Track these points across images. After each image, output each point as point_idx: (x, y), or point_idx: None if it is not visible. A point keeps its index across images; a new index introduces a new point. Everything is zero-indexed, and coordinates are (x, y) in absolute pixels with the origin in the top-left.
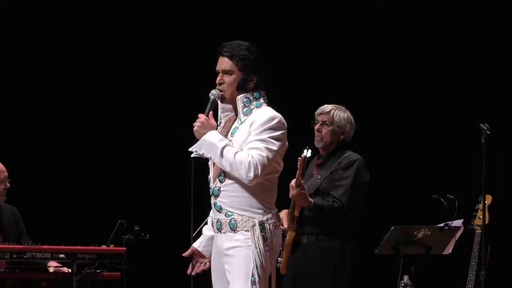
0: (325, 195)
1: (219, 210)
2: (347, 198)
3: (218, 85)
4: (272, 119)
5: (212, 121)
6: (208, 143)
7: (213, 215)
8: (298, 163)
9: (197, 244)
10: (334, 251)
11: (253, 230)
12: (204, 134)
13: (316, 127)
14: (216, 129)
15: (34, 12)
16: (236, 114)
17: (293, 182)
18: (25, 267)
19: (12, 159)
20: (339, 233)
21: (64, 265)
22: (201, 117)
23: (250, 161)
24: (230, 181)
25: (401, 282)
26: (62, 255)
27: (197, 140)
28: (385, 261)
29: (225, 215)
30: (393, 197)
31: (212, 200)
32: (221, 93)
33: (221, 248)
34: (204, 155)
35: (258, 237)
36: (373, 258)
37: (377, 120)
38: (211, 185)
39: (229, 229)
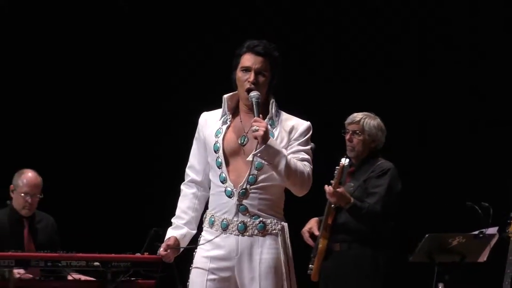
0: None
1: (244, 212)
2: (381, 206)
3: (251, 84)
4: (310, 128)
5: (238, 127)
6: (274, 150)
7: (227, 216)
8: (336, 172)
9: (179, 236)
10: (367, 259)
11: (282, 233)
12: (268, 139)
13: (347, 137)
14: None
15: (34, 12)
16: (252, 114)
17: (329, 188)
18: (59, 275)
19: (45, 167)
20: (372, 241)
21: (99, 273)
22: (262, 121)
23: (308, 173)
24: (262, 184)
25: None
26: (97, 263)
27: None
28: (419, 269)
29: (251, 217)
30: (427, 204)
31: (231, 201)
32: (258, 92)
33: (242, 252)
34: (266, 161)
35: (286, 242)
36: (407, 266)
37: (412, 127)
38: (229, 185)
39: (257, 231)
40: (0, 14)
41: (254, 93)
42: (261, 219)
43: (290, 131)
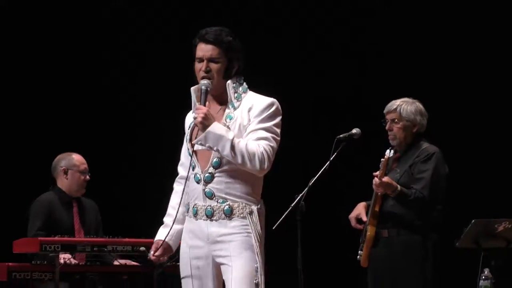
0: (406, 188)
1: (210, 196)
2: (428, 191)
3: (204, 73)
4: (272, 104)
5: (212, 112)
6: (215, 135)
7: (197, 202)
8: (381, 164)
9: (168, 237)
10: (416, 245)
11: (250, 217)
12: (208, 125)
13: (387, 126)
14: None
15: (35, 12)
16: (220, 102)
17: (376, 180)
18: (105, 260)
19: (89, 152)
20: (420, 226)
21: (144, 258)
22: (202, 108)
23: (262, 152)
24: (226, 167)
25: (482, 275)
26: (142, 248)
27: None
28: (466, 254)
29: (218, 202)
30: (474, 190)
31: (199, 187)
32: (209, 81)
33: (211, 235)
34: (211, 148)
35: (256, 224)
36: (454, 251)
37: (459, 110)
38: (198, 171)
39: (224, 215)
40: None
41: (203, 81)
42: (228, 203)
43: (249, 109)
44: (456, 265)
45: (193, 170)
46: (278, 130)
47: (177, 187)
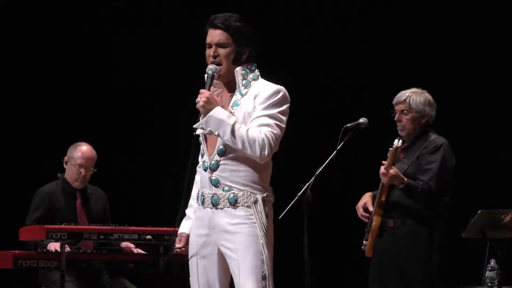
0: (412, 179)
1: (216, 184)
2: (435, 182)
3: (212, 58)
4: (278, 92)
5: (216, 96)
6: (217, 119)
7: (204, 190)
8: (389, 153)
9: (187, 230)
10: (422, 235)
11: (255, 206)
12: (210, 110)
13: (396, 117)
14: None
15: (40, 7)
16: (230, 89)
17: (382, 168)
18: (111, 248)
19: (99, 142)
20: (426, 217)
21: (151, 246)
22: (205, 92)
23: (263, 139)
24: (231, 155)
25: (488, 266)
26: (149, 237)
27: (202, 116)
28: (472, 245)
29: (223, 190)
30: (480, 180)
31: (206, 175)
32: (217, 66)
33: (216, 224)
34: (212, 132)
35: (261, 213)
36: (460, 242)
37: (465, 102)
38: (205, 158)
39: (228, 204)
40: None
41: (210, 66)
42: (233, 191)
43: (255, 96)
44: (462, 255)
45: (202, 157)
46: (284, 118)
47: (196, 177)
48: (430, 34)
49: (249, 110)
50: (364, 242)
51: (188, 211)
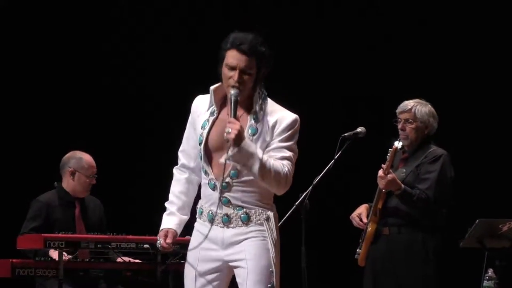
0: (410, 188)
1: (227, 204)
2: (433, 192)
3: (236, 82)
4: (295, 122)
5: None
6: (248, 152)
7: (212, 208)
8: (389, 154)
9: (174, 226)
10: (417, 243)
11: (267, 223)
12: (242, 141)
13: (400, 126)
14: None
15: (39, 10)
16: (241, 105)
17: (381, 172)
18: (109, 257)
19: (96, 150)
20: (422, 226)
21: (148, 255)
22: (235, 123)
23: (286, 174)
24: (244, 178)
25: (486, 275)
26: (146, 245)
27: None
28: (470, 254)
29: (235, 209)
30: (479, 190)
31: (215, 194)
32: (239, 90)
33: (226, 241)
34: (238, 163)
35: (272, 230)
36: (458, 251)
37: (462, 113)
38: (211, 177)
39: (241, 223)
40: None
41: (233, 91)
42: (244, 210)
43: (273, 125)
44: (460, 265)
45: (205, 175)
46: (296, 149)
47: (179, 175)
48: (429, 46)
49: (267, 139)
50: (357, 250)
51: (169, 206)
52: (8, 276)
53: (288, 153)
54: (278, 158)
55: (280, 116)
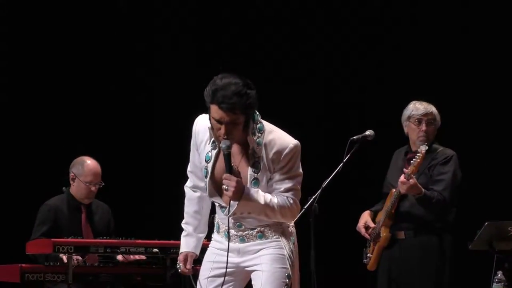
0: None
1: (241, 227)
2: (449, 193)
3: (225, 136)
4: (293, 150)
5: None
6: (249, 204)
7: (227, 228)
8: (415, 159)
9: (194, 249)
10: (434, 246)
11: (283, 237)
12: (241, 195)
13: (423, 128)
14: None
15: (35, 11)
16: (240, 143)
17: (402, 177)
18: (118, 261)
19: (105, 154)
20: (436, 228)
21: (157, 259)
22: (231, 179)
23: (291, 206)
24: None
25: (495, 277)
26: (155, 250)
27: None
28: (479, 256)
29: (249, 230)
30: (488, 192)
31: (228, 218)
32: (230, 141)
33: (242, 251)
34: (241, 214)
35: (288, 242)
36: (467, 253)
37: (473, 113)
38: (221, 202)
39: (257, 240)
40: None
41: (224, 145)
42: (259, 228)
43: (273, 160)
44: (469, 267)
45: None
46: (300, 170)
47: (192, 193)
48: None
49: (269, 174)
50: (368, 255)
51: (186, 227)
52: (17, 281)
53: (291, 184)
54: (281, 191)
55: (278, 147)
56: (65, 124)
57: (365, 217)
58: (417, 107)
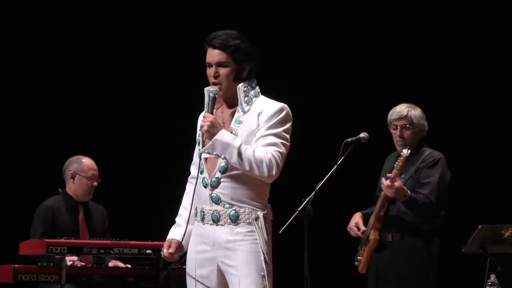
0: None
1: (217, 201)
2: (435, 196)
3: (213, 78)
4: (282, 110)
5: (219, 119)
6: (223, 143)
7: (204, 206)
8: (397, 163)
9: (179, 237)
10: (421, 249)
11: (256, 223)
12: (215, 134)
13: (398, 133)
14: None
15: (43, 11)
16: (230, 104)
17: (387, 181)
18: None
19: (99, 155)
20: (424, 231)
21: (151, 260)
22: (209, 116)
23: (270, 159)
24: (233, 173)
25: (488, 281)
26: (149, 251)
27: (207, 141)
28: (472, 260)
29: (224, 207)
30: (481, 195)
31: (206, 191)
32: (218, 86)
33: (216, 241)
34: (218, 156)
35: (262, 229)
36: (460, 256)
37: (465, 115)
38: (205, 175)
39: (229, 220)
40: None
41: (211, 89)
42: (234, 208)
43: (259, 114)
44: (462, 270)
45: (201, 174)
46: (288, 136)
47: (189, 187)
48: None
49: (252, 128)
50: (358, 258)
51: (178, 219)
52: (10, 281)
53: (274, 140)
54: (263, 145)
55: (265, 105)
56: (59, 125)
57: (356, 218)
58: (392, 112)
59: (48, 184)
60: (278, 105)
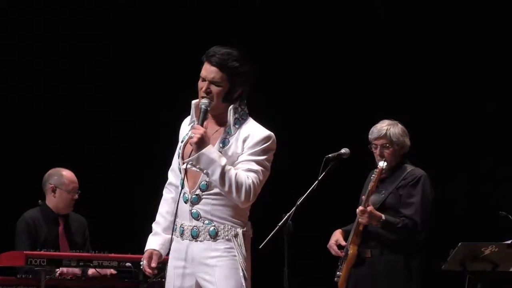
0: (392, 210)
1: (197, 217)
2: (419, 216)
3: (204, 93)
4: (268, 138)
5: (208, 133)
6: (208, 158)
7: (184, 222)
8: (374, 175)
9: (158, 246)
10: (399, 265)
11: (236, 239)
12: (203, 148)
13: (377, 152)
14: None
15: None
16: (217, 122)
17: (360, 207)
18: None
19: (78, 166)
20: (404, 247)
21: (130, 273)
22: (199, 129)
23: (250, 185)
24: (213, 191)
25: None
26: (128, 264)
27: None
28: (452, 277)
29: (203, 223)
30: (461, 213)
31: (186, 207)
32: (209, 101)
33: (195, 257)
34: (201, 170)
35: (241, 246)
36: (440, 274)
37: (445, 133)
38: (186, 190)
39: (209, 236)
40: None
41: (204, 100)
42: (214, 224)
43: (245, 139)
44: (442, 287)
45: (181, 188)
46: (269, 165)
47: (167, 194)
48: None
49: (237, 151)
50: (337, 273)
51: (155, 226)
52: None
53: (256, 167)
54: (244, 170)
55: (253, 131)
56: (38, 138)
57: (337, 235)
58: (372, 131)
59: (27, 196)
60: (265, 132)
